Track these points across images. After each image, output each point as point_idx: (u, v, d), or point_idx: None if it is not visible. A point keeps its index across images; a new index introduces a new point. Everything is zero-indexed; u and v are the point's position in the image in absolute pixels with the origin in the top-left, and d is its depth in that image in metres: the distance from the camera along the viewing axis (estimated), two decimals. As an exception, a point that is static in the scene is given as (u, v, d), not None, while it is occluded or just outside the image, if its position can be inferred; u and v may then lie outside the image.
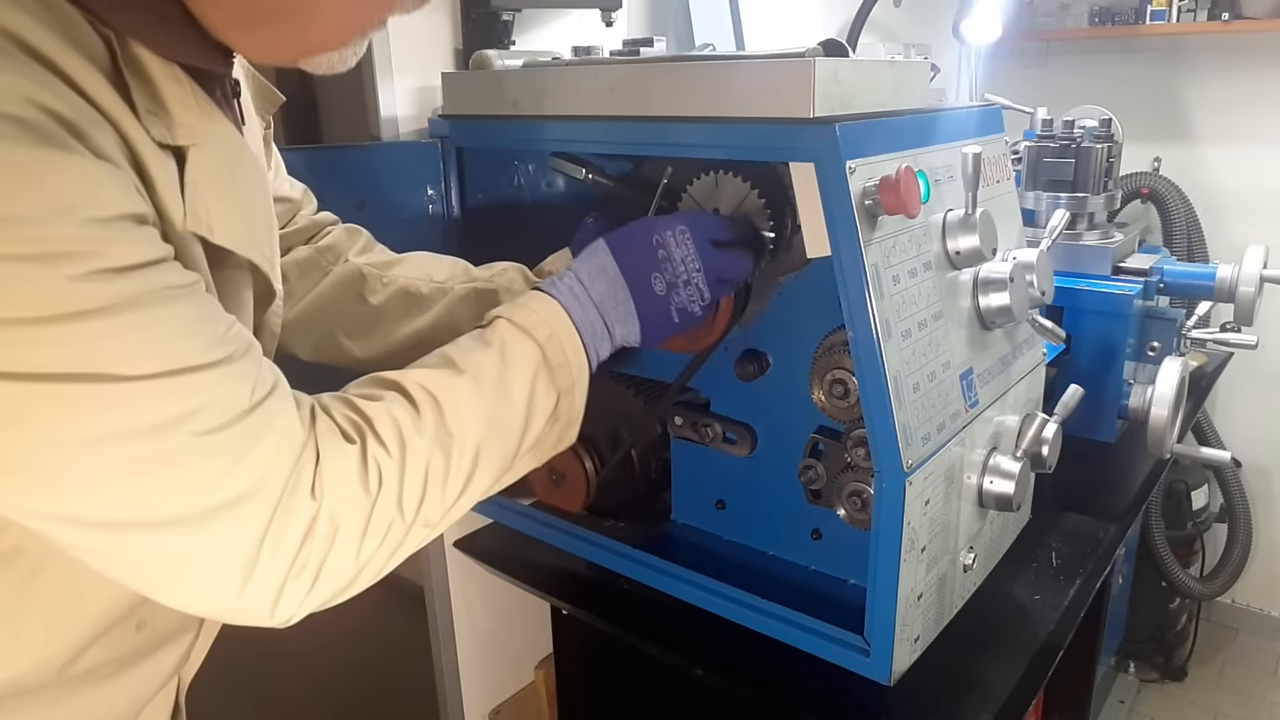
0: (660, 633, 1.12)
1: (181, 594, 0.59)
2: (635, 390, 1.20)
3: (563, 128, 1.03)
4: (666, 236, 0.88)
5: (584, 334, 0.81)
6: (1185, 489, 2.54)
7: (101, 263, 0.52)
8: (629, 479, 1.24)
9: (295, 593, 0.60)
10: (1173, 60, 2.61)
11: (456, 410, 0.69)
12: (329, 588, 0.62)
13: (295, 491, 0.59)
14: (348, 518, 0.62)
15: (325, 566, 0.61)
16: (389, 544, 0.65)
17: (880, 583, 0.90)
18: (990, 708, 0.96)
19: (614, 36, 1.45)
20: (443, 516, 0.70)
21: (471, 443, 0.70)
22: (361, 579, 0.65)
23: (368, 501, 0.63)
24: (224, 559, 0.57)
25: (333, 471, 0.61)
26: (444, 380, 0.71)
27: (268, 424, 0.59)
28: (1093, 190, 1.57)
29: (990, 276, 0.99)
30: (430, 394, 0.69)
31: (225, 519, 0.57)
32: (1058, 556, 1.21)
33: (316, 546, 0.60)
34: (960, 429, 0.95)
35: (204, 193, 0.62)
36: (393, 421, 0.66)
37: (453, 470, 0.69)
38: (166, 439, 0.55)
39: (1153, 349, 1.53)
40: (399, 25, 1.29)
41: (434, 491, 0.67)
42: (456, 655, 1.55)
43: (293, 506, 0.59)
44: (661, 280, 0.87)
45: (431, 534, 0.70)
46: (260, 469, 0.58)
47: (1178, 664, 2.67)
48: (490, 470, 0.72)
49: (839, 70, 0.85)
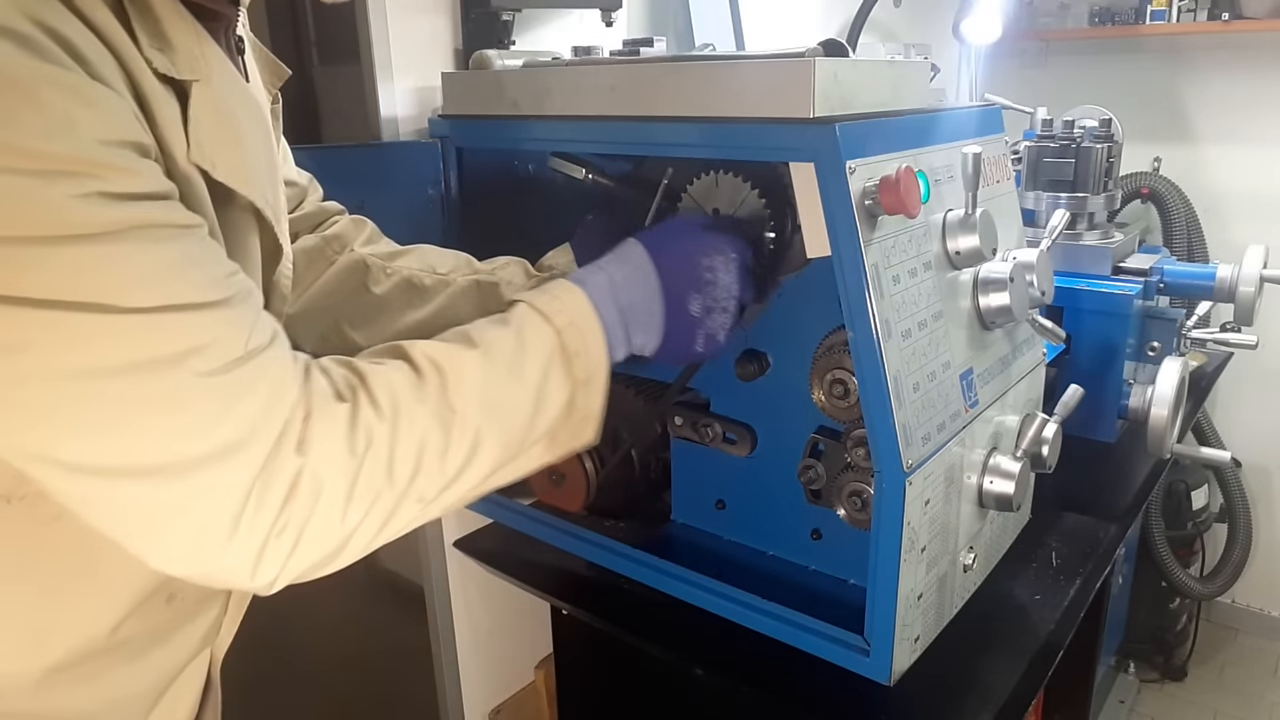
0: (660, 633, 1.12)
1: (164, 548, 0.57)
2: (635, 390, 1.20)
3: (563, 128, 1.03)
4: (717, 260, 0.85)
5: (607, 330, 0.78)
6: (1185, 489, 2.54)
7: (102, 185, 0.51)
8: (629, 479, 1.24)
9: (277, 553, 0.58)
10: (1173, 60, 2.61)
11: (461, 383, 0.66)
12: (312, 553, 0.60)
13: (281, 446, 0.57)
14: (332, 478, 0.59)
15: (308, 528, 0.58)
16: (377, 514, 0.62)
17: (880, 583, 0.90)
18: (990, 708, 0.96)
19: (614, 36, 1.45)
20: (440, 493, 0.66)
21: (474, 419, 0.67)
22: (349, 549, 0.62)
23: (353, 463, 0.60)
24: (209, 512, 0.55)
25: (320, 429, 0.59)
26: (453, 352, 0.68)
27: (261, 374, 0.57)
28: (1093, 190, 1.57)
29: (990, 276, 0.99)
30: (435, 364, 0.67)
31: (212, 469, 0.55)
32: (1058, 556, 1.21)
33: (299, 506, 0.57)
34: (960, 429, 0.95)
35: (207, 129, 0.61)
36: (389, 386, 0.63)
37: (453, 444, 0.65)
38: (158, 378, 0.53)
39: (1153, 349, 1.53)
40: (399, 25, 1.29)
41: (430, 464, 0.64)
42: (456, 655, 1.55)
43: (278, 462, 0.57)
44: (699, 303, 0.84)
45: (427, 512, 0.66)
46: (251, 420, 0.56)
47: (1178, 664, 2.67)
48: (494, 452, 0.68)
49: (839, 70, 0.85)
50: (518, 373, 0.71)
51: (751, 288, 0.89)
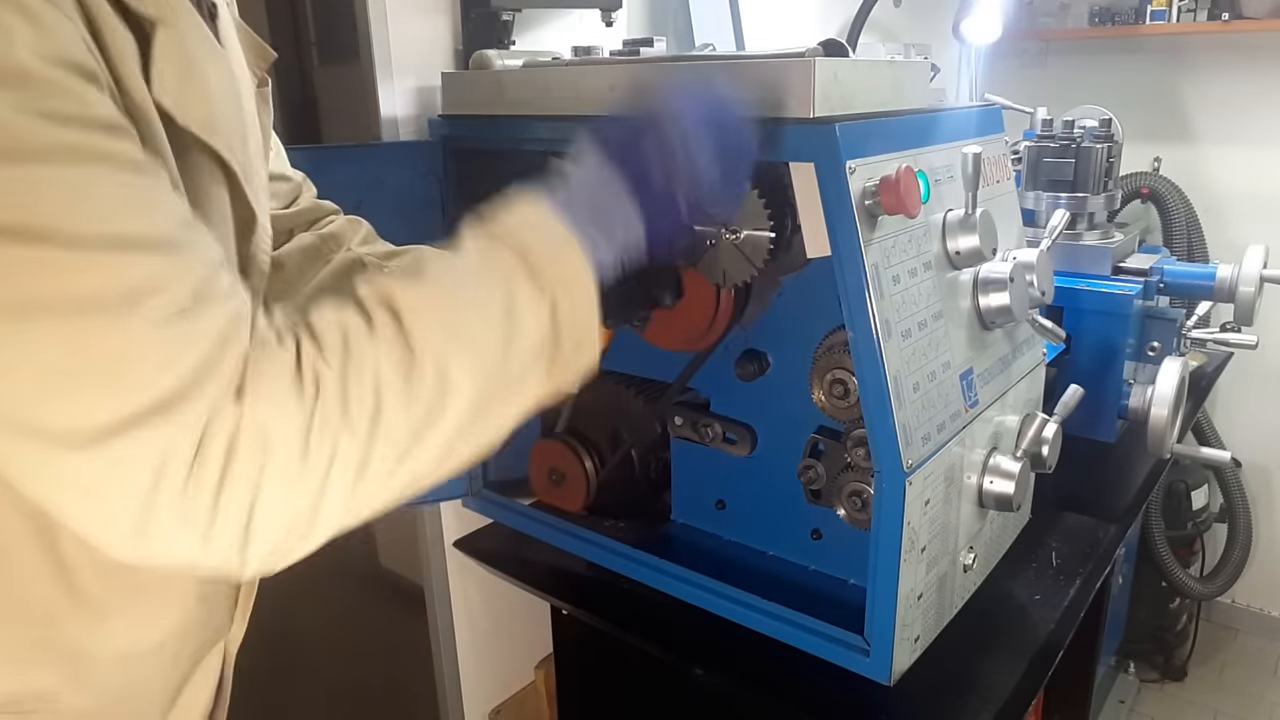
0: (660, 633, 1.12)
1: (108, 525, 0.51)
2: (635, 390, 1.20)
3: (563, 128, 1.03)
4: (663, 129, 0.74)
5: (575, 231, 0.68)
6: (1185, 489, 2.54)
7: (38, 102, 0.46)
8: (629, 479, 1.24)
9: (231, 520, 0.52)
10: (1173, 60, 2.61)
11: (416, 313, 0.60)
12: (277, 516, 0.54)
13: (221, 400, 0.52)
14: (280, 427, 0.53)
15: (262, 487, 0.52)
16: (344, 465, 0.55)
17: (880, 583, 0.90)
18: (990, 708, 0.96)
19: (614, 36, 1.45)
20: (416, 436, 0.59)
21: (434, 347, 0.60)
22: (324, 512, 0.56)
23: (301, 408, 0.54)
24: (146, 479, 0.50)
25: (260, 376, 0.53)
26: (401, 285, 0.61)
27: (207, 328, 0.52)
28: (1093, 190, 1.57)
29: (990, 276, 0.99)
30: (384, 298, 0.60)
31: (147, 429, 0.49)
32: (1058, 556, 1.21)
33: (244, 461, 0.51)
34: (960, 429, 0.95)
35: (170, 74, 0.56)
36: (335, 324, 0.58)
37: (415, 378, 0.58)
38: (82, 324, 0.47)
39: (1153, 349, 1.53)
40: (399, 25, 1.29)
41: (392, 402, 0.57)
42: (456, 655, 1.55)
43: (216, 415, 0.51)
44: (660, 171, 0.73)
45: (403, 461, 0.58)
46: (189, 374, 0.50)
47: (1178, 664, 2.67)
48: (471, 383, 0.61)
49: (839, 70, 0.85)
50: (476, 293, 0.64)
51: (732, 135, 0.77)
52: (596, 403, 1.22)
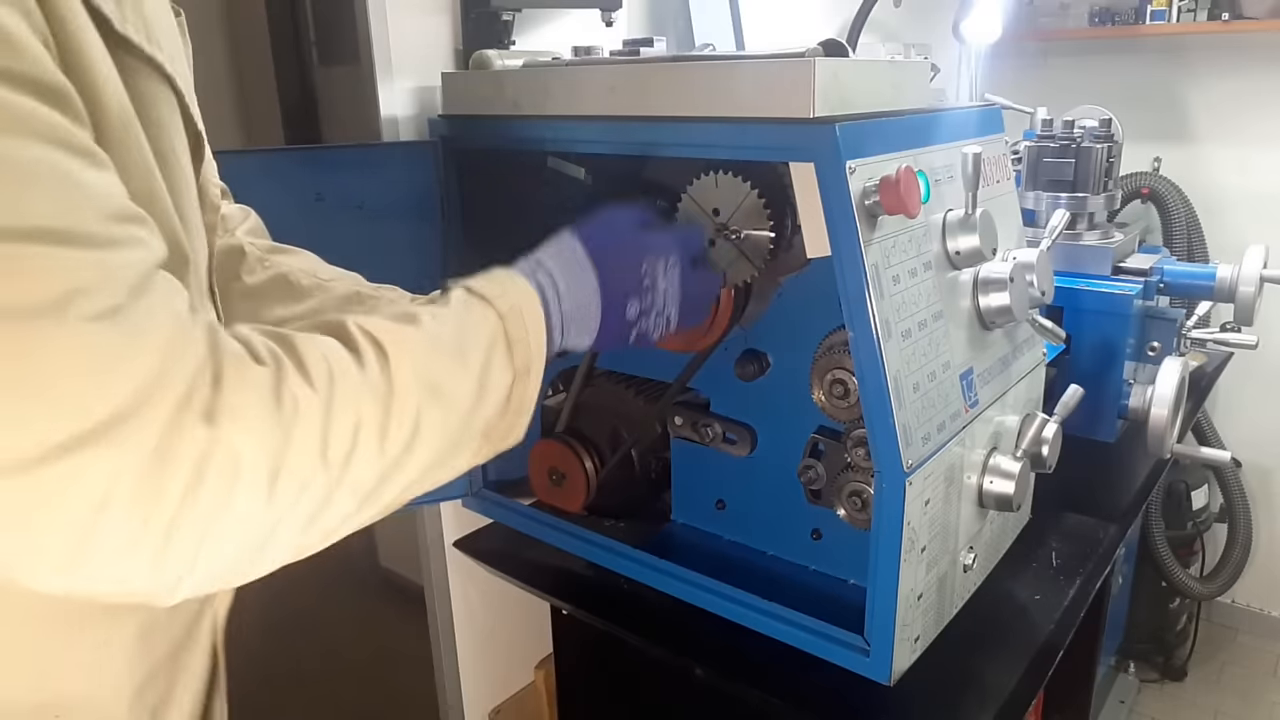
0: (660, 633, 1.12)
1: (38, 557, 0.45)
2: (635, 390, 1.20)
3: (563, 128, 1.03)
4: (657, 265, 0.83)
5: (549, 322, 0.73)
6: (1185, 489, 2.54)
7: None
8: (629, 479, 1.24)
9: (182, 548, 0.47)
10: (1173, 60, 2.61)
11: (401, 361, 0.58)
12: (229, 547, 0.49)
13: (182, 418, 0.46)
14: (252, 454, 0.48)
15: (224, 515, 0.48)
16: (308, 502, 0.52)
17: (880, 583, 0.90)
18: (990, 708, 0.96)
19: (614, 36, 1.45)
20: (376, 485, 0.56)
21: (414, 399, 0.58)
22: (272, 547, 0.52)
23: (277, 436, 0.50)
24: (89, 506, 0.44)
25: (234, 396, 0.48)
26: (392, 328, 0.60)
27: (150, 329, 0.46)
28: (1093, 190, 1.57)
29: (990, 276, 0.99)
30: (372, 337, 0.58)
31: (92, 450, 0.43)
32: (1058, 556, 1.21)
33: (211, 489, 0.47)
34: (960, 429, 0.95)
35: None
36: (321, 353, 0.54)
37: (392, 426, 0.56)
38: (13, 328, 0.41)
39: (1153, 349, 1.53)
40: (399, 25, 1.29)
41: (367, 446, 0.55)
42: (456, 655, 1.55)
43: (179, 436, 0.46)
44: (636, 306, 0.82)
45: (358, 513, 0.56)
46: (138, 385, 0.44)
47: (1178, 664, 2.67)
48: (433, 441, 0.60)
49: (839, 70, 0.85)
50: (460, 356, 0.64)
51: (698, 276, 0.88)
52: (596, 403, 1.23)
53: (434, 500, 1.37)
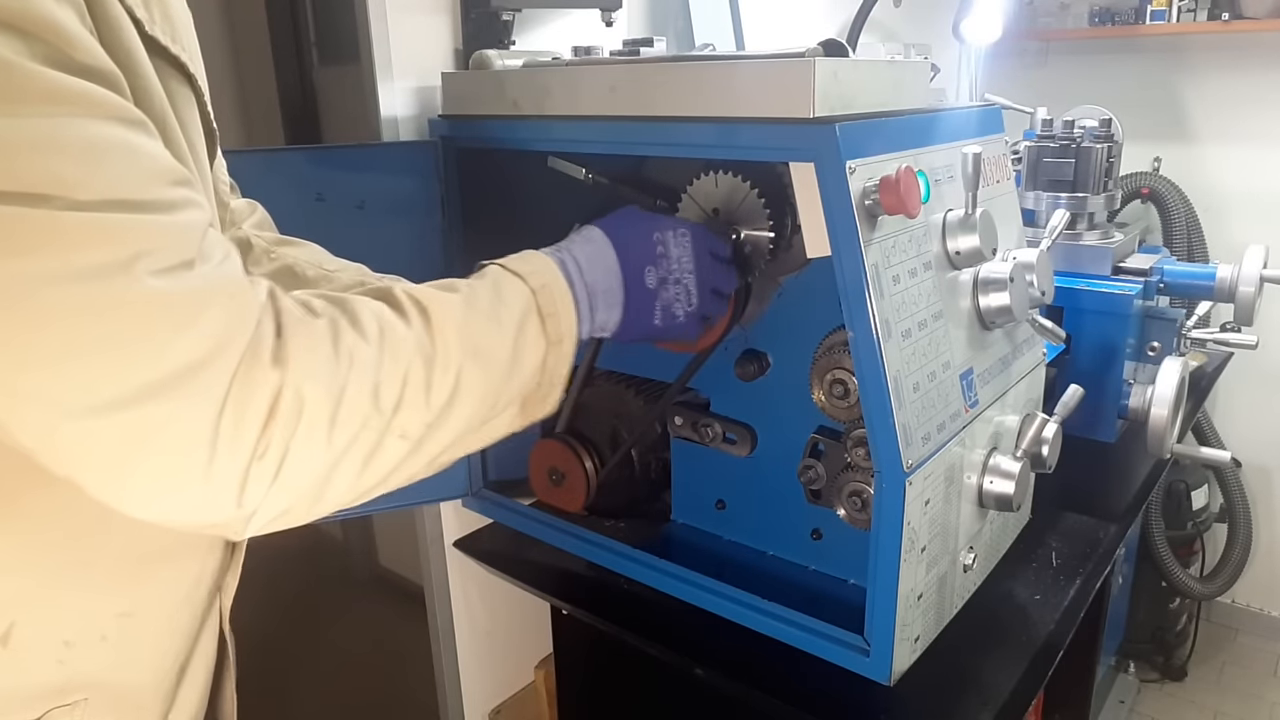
0: (660, 633, 1.12)
1: (134, 489, 0.51)
2: (635, 390, 1.20)
3: (563, 128, 1.03)
4: (667, 235, 0.88)
5: (576, 300, 0.78)
6: (1185, 489, 2.54)
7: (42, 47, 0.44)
8: (629, 479, 1.24)
9: (260, 481, 0.52)
10: (1173, 60, 2.61)
11: (445, 323, 0.64)
12: (296, 483, 0.54)
13: (256, 360, 0.51)
14: (315, 396, 0.53)
15: (291, 451, 0.53)
16: (362, 444, 0.57)
17: (880, 583, 0.90)
18: (990, 708, 0.96)
19: (614, 36, 1.45)
20: (423, 433, 0.61)
21: (456, 358, 0.64)
22: (332, 486, 0.57)
23: (337, 381, 0.55)
24: (180, 440, 0.49)
25: (298, 343, 0.53)
26: (434, 294, 0.66)
27: (218, 285, 0.51)
28: (1093, 190, 1.57)
29: (990, 276, 0.99)
30: (417, 301, 0.64)
31: (177, 391, 0.48)
32: (1058, 556, 1.21)
33: (281, 425, 0.52)
34: (960, 429, 0.95)
35: None
36: (373, 315, 0.60)
37: (435, 380, 0.62)
38: (102, 288, 0.46)
39: (1153, 349, 1.53)
40: (399, 25, 1.29)
41: (414, 397, 0.60)
42: (456, 655, 1.55)
43: (254, 376, 0.51)
44: (655, 274, 0.87)
45: (410, 459, 0.61)
46: (213, 332, 0.49)
47: (1178, 664, 2.67)
48: (474, 399, 0.65)
49: (839, 70, 0.85)
50: (497, 321, 0.69)
51: (716, 268, 0.92)
52: (596, 403, 1.23)
53: (434, 500, 1.37)
